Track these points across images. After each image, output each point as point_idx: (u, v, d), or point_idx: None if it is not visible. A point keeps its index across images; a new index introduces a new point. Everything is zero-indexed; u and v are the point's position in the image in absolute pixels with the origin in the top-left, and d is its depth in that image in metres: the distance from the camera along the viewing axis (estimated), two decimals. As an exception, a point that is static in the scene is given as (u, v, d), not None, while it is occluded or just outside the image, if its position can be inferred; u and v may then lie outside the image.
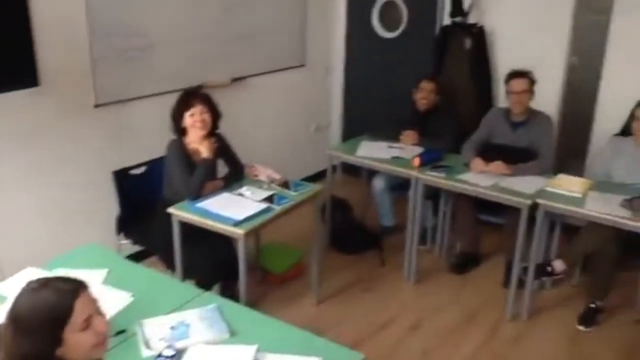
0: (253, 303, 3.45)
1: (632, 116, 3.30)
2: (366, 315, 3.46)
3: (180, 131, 3.14)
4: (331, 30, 5.34)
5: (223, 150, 3.26)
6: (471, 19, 4.43)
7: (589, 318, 3.38)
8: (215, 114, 3.17)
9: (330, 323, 3.34)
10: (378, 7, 5.06)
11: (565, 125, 4.37)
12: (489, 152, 3.61)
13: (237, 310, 2.19)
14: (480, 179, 3.43)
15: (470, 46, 4.38)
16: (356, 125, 4.90)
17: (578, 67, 4.24)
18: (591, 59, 4.14)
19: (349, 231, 4.20)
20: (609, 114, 3.97)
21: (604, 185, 3.31)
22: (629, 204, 3.00)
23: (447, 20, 4.53)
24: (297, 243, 3.97)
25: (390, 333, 3.31)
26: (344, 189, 4.65)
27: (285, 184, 3.25)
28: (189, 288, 2.42)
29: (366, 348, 3.11)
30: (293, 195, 3.14)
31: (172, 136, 3.17)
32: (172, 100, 3.18)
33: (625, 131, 3.36)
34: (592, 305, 3.40)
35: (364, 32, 5.18)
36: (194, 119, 3.07)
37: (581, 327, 3.36)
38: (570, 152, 4.40)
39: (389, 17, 5.04)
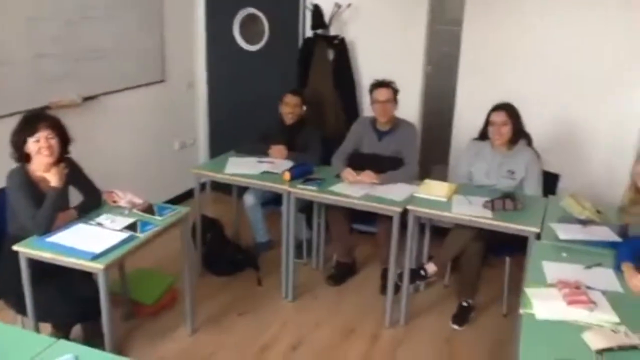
0: (122, 341, 3.18)
1: (487, 121, 3.47)
2: (244, 340, 3.31)
3: (24, 158, 2.79)
4: (192, 44, 5.14)
5: (75, 176, 2.95)
6: (332, 31, 4.46)
7: (461, 317, 3.49)
8: (63, 138, 2.85)
9: (206, 353, 3.16)
10: (239, 20, 4.96)
11: (428, 132, 4.55)
12: (358, 162, 3.64)
13: (98, 358, 1.94)
14: (352, 189, 3.43)
15: (333, 57, 4.41)
16: (224, 141, 4.74)
17: (434, 76, 4.43)
18: (446, 67, 4.33)
19: (222, 252, 4.01)
20: (466, 119, 4.15)
21: (466, 189, 3.44)
22: (490, 204, 3.14)
23: (309, 32, 4.53)
24: (167, 269, 3.73)
25: (271, 356, 3.18)
26: (214, 207, 4.47)
27: (149, 209, 3.01)
28: (40, 338, 2.12)
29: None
30: (158, 221, 2.92)
31: (13, 164, 2.81)
32: (12, 123, 2.82)
33: (483, 135, 3.52)
34: (464, 304, 3.52)
35: (226, 46, 5.04)
36: (39, 145, 2.74)
37: (455, 326, 3.46)
38: (434, 158, 4.59)
39: (251, 30, 4.95)
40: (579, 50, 3.86)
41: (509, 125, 3.38)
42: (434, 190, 3.37)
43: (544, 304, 2.18)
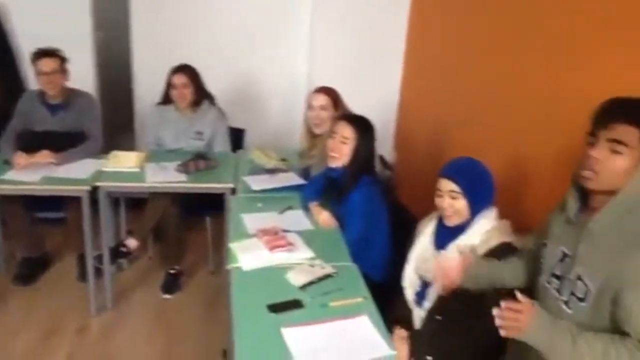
0: None
1: (169, 84, 3.39)
2: None
3: None
4: None
5: None
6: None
7: (171, 284, 3.45)
8: None
9: None
10: None
11: (107, 101, 4.25)
12: (32, 142, 3.20)
13: None
14: (27, 174, 3.01)
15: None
16: None
17: (107, 42, 4.14)
18: (118, 32, 4.08)
19: None
20: (147, 85, 3.99)
21: (157, 155, 3.34)
22: (183, 168, 3.10)
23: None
24: None
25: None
26: None
27: None
28: None
29: None
30: None
31: None
32: None
33: (166, 99, 3.44)
34: (172, 272, 3.48)
35: None
36: None
37: (166, 296, 3.40)
38: (119, 128, 4.33)
39: None
40: (250, 7, 4.03)
41: (191, 87, 3.36)
42: (124, 161, 3.18)
43: (248, 255, 2.26)
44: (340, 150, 2.50)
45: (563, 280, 1.59)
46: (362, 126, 2.52)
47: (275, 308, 1.95)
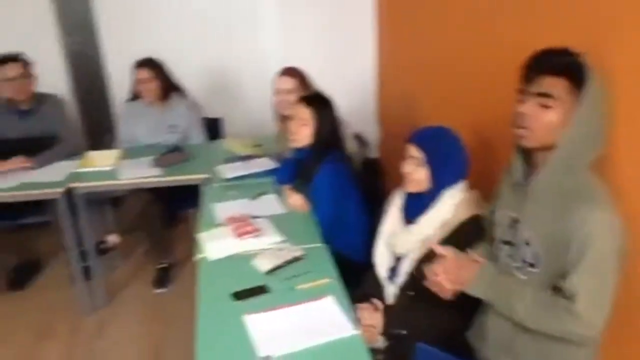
0: None
1: (134, 80, 3.36)
2: None
3: None
4: None
5: None
6: None
7: (162, 279, 3.46)
8: None
9: None
10: None
11: (84, 103, 4.24)
12: (5, 150, 3.20)
13: None
14: (3, 181, 3.02)
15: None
16: None
17: (77, 46, 4.12)
18: (86, 34, 4.06)
19: None
20: (121, 82, 3.95)
21: (133, 152, 3.34)
22: (158, 162, 3.10)
23: None
24: None
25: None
26: None
27: None
28: None
29: None
30: None
31: None
32: None
33: (135, 95, 3.42)
34: (161, 266, 3.49)
35: None
36: None
37: (158, 290, 3.42)
38: (98, 128, 4.33)
39: None
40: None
41: (155, 80, 3.33)
42: (97, 161, 3.19)
43: (215, 245, 2.25)
44: (300, 132, 2.47)
45: (513, 247, 1.57)
46: (319, 104, 2.48)
47: (240, 295, 1.94)
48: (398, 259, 2.10)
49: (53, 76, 3.77)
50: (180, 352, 2.90)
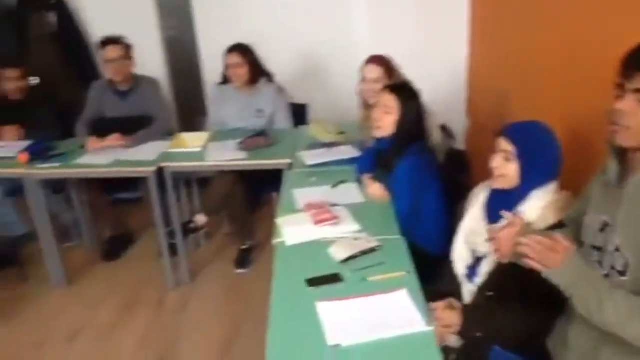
0: None
1: (226, 64, 3.44)
2: (14, 346, 2.98)
3: None
4: None
5: None
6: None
7: (243, 260, 3.55)
8: None
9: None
10: None
11: (178, 86, 4.41)
12: (105, 128, 3.39)
13: None
14: (99, 158, 3.20)
15: (55, 21, 4.00)
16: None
17: (173, 30, 4.29)
18: (182, 19, 4.21)
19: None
20: (214, 66, 4.07)
21: (221, 134, 3.43)
22: (243, 145, 3.16)
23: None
24: None
25: (46, 354, 2.91)
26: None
27: None
28: None
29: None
30: None
31: None
32: None
33: (226, 79, 3.51)
34: (244, 247, 3.58)
35: None
36: None
37: (239, 270, 3.51)
38: (191, 110, 4.49)
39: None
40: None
41: (245, 65, 3.40)
42: (188, 142, 3.31)
43: (293, 230, 2.27)
44: (384, 120, 2.43)
45: (603, 253, 1.47)
46: (405, 94, 2.42)
47: (314, 282, 1.95)
48: (478, 258, 2.03)
49: (151, 59, 3.94)
50: (256, 333, 2.96)
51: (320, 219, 2.30)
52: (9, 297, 3.39)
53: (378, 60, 2.90)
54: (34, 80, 3.72)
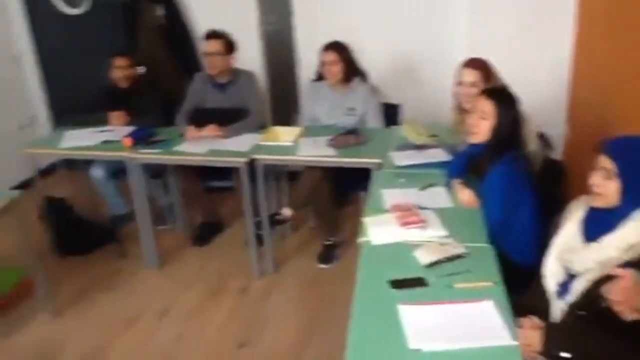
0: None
1: (321, 61, 3.48)
2: (109, 316, 3.20)
3: None
4: (5, 14, 4.67)
5: None
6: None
7: (327, 255, 3.59)
8: None
9: (71, 334, 3.05)
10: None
11: (274, 80, 4.51)
12: (202, 118, 3.54)
13: None
14: (197, 146, 3.34)
15: (163, 15, 4.21)
16: (69, 115, 4.38)
17: (272, 26, 4.39)
18: (281, 14, 4.30)
19: (75, 231, 3.79)
20: (309, 62, 4.13)
21: (312, 130, 3.48)
22: (333, 142, 3.20)
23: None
24: (14, 260, 3.45)
25: (137, 328, 3.09)
26: (69, 186, 4.20)
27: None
28: None
29: (112, 351, 2.92)
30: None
31: None
32: None
33: (320, 76, 3.55)
34: (328, 243, 3.62)
35: (45, 11, 4.62)
36: None
37: (322, 265, 3.56)
38: (285, 104, 4.58)
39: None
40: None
41: (340, 64, 3.41)
42: (280, 136, 3.38)
43: (379, 230, 2.28)
44: (480, 126, 2.37)
45: None
46: (503, 100, 2.35)
47: (397, 284, 1.95)
48: (571, 276, 1.94)
49: (249, 53, 4.05)
50: (335, 328, 2.99)
51: (406, 221, 2.29)
52: (108, 271, 3.63)
53: (475, 63, 2.84)
54: (141, 70, 3.93)
